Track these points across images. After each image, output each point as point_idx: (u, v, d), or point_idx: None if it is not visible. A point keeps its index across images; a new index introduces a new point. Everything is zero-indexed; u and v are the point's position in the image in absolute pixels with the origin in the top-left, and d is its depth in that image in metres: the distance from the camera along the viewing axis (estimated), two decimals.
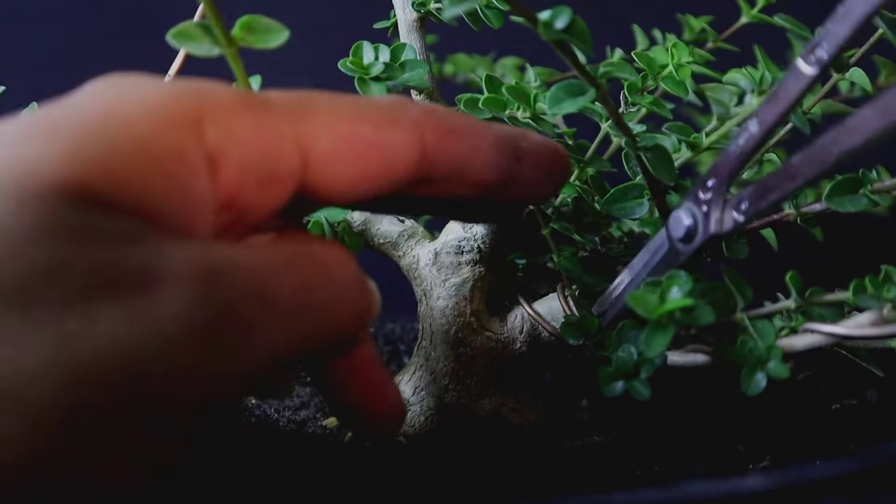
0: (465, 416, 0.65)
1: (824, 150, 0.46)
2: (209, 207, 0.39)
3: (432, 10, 0.62)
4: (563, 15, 0.46)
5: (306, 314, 0.39)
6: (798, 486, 0.46)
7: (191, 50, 0.47)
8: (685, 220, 0.52)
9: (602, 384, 0.53)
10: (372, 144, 0.43)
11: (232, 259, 0.37)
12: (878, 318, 0.50)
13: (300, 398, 0.73)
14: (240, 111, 0.40)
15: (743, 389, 0.51)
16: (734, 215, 0.50)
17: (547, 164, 0.49)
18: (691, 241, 0.52)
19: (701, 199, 0.51)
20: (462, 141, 0.45)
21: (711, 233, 0.51)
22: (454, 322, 0.64)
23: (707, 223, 0.51)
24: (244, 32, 0.47)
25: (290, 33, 0.47)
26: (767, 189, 0.49)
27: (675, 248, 0.53)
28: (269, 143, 0.41)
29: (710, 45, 0.73)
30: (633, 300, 0.50)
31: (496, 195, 0.48)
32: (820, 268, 0.65)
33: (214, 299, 0.35)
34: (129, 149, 0.37)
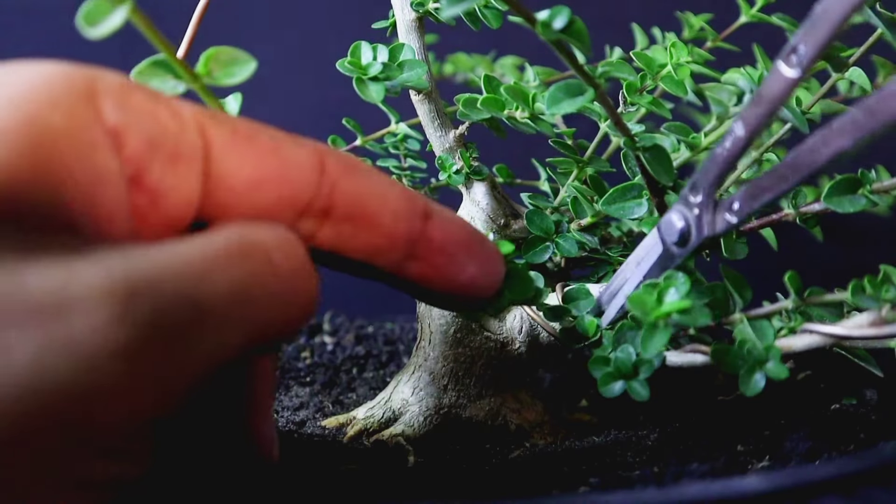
0: (464, 416, 0.65)
1: (814, 151, 0.46)
2: (118, 183, 0.37)
3: (431, 10, 0.62)
4: (561, 15, 0.46)
5: (247, 312, 0.37)
6: (798, 486, 0.46)
7: (157, 88, 0.45)
8: (677, 224, 0.52)
9: (600, 384, 0.53)
10: (272, 150, 0.41)
11: (153, 266, 0.34)
12: (877, 319, 0.49)
13: (300, 398, 0.73)
14: (136, 88, 0.39)
15: (742, 390, 0.51)
16: (726, 217, 0.50)
17: (462, 236, 0.47)
18: (685, 245, 0.52)
19: (691, 203, 0.51)
20: (366, 178, 0.44)
21: (705, 235, 0.51)
22: (453, 322, 0.64)
23: (700, 226, 0.51)
24: (210, 66, 0.46)
25: (256, 64, 0.46)
26: (760, 190, 0.49)
27: (669, 251, 0.53)
28: (170, 119, 0.39)
29: (710, 45, 0.73)
30: (631, 302, 0.50)
31: (411, 264, 0.45)
32: (819, 268, 0.65)
33: (133, 316, 0.33)
34: (16, 133, 0.35)
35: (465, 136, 0.64)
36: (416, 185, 0.73)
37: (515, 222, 0.64)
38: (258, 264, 0.38)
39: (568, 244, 0.63)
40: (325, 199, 0.42)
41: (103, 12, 0.42)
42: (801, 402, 0.63)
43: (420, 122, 0.65)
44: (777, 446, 0.56)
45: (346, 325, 0.88)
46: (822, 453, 0.53)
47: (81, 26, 0.41)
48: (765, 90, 0.47)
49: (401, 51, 0.60)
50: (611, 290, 0.57)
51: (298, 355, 0.81)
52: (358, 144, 0.71)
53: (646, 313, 0.49)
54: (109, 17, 0.41)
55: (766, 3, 0.69)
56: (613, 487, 0.51)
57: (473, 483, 0.54)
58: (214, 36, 0.49)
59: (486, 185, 0.64)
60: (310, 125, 0.85)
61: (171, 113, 0.40)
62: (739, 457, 0.55)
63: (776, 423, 0.59)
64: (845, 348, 0.57)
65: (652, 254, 0.54)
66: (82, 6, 0.41)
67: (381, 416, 0.65)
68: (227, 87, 0.46)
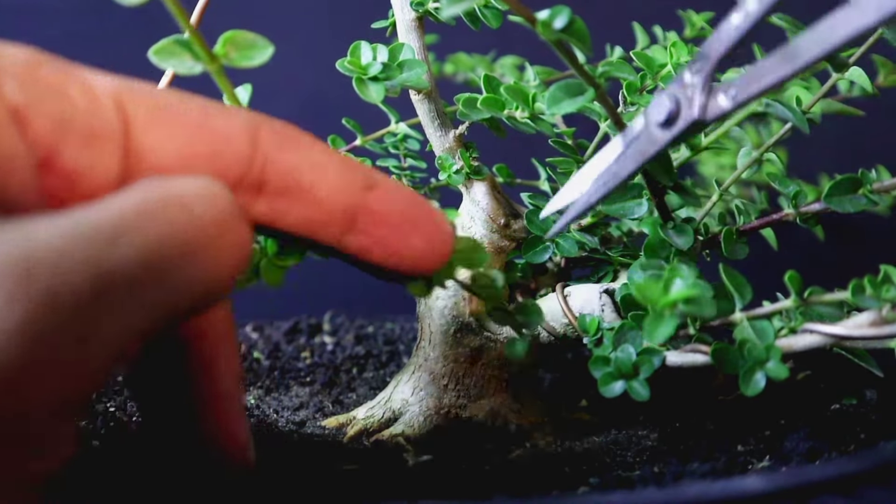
0: (464, 416, 0.65)
1: (832, 29, 0.42)
2: (25, 165, 0.35)
3: (430, 9, 0.61)
4: (561, 14, 0.46)
5: (165, 273, 0.34)
6: (798, 486, 0.46)
7: (173, 68, 0.45)
8: (667, 104, 0.49)
9: (600, 384, 0.53)
10: (199, 123, 0.40)
11: (56, 236, 0.32)
12: (878, 319, 0.49)
13: (299, 398, 0.73)
14: (42, 65, 0.37)
15: (742, 390, 0.51)
16: (720, 101, 0.47)
17: (406, 207, 0.45)
18: (671, 126, 0.49)
19: (686, 84, 0.48)
20: (302, 150, 0.42)
21: (694, 118, 0.48)
22: (453, 322, 0.64)
23: (690, 108, 0.48)
24: (227, 48, 0.46)
25: (274, 49, 0.46)
26: (761, 72, 0.45)
27: (651, 135, 0.50)
28: (81, 96, 0.37)
29: None
30: (638, 290, 0.48)
31: (352, 237, 0.43)
32: (820, 268, 0.65)
33: (29, 294, 0.30)
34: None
35: (465, 135, 0.64)
36: (416, 185, 0.73)
37: (515, 222, 0.64)
38: (176, 218, 0.35)
39: (568, 244, 0.63)
40: (258, 173, 0.41)
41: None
42: (801, 402, 0.63)
43: (420, 122, 0.65)
44: (777, 446, 0.56)
45: (346, 324, 0.88)
46: (822, 453, 0.53)
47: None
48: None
49: (401, 50, 0.60)
50: (571, 185, 0.54)
51: (298, 355, 0.81)
52: (358, 144, 0.71)
53: (653, 301, 0.48)
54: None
55: None
56: (613, 487, 0.51)
57: (473, 483, 0.54)
58: (214, 36, 0.49)
59: (486, 184, 0.64)
60: (310, 125, 0.85)
61: (83, 89, 0.37)
62: (739, 457, 0.55)
63: (776, 423, 0.59)
64: (845, 348, 0.57)
65: (632, 143, 0.51)
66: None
67: (382, 416, 0.65)
68: (243, 68, 0.46)
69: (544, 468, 0.58)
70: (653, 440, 0.63)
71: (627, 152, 0.51)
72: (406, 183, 0.72)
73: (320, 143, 0.44)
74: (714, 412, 0.63)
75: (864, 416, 0.60)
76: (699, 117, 0.48)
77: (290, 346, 0.82)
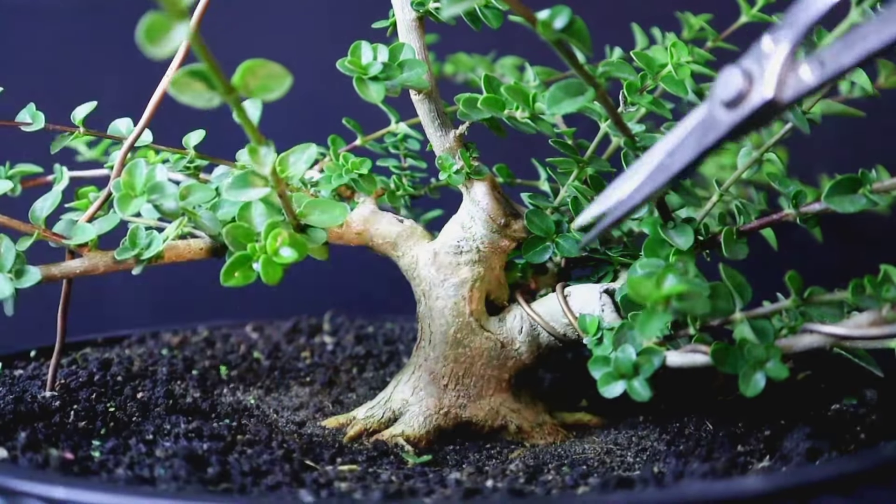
0: (464, 416, 0.65)
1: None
2: None
3: (431, 9, 0.62)
4: (561, 14, 0.46)
5: None
6: (798, 486, 0.46)
7: (190, 101, 0.44)
8: (738, 78, 0.39)
9: (600, 384, 0.53)
10: None
11: None
12: (878, 318, 0.49)
13: (300, 398, 0.73)
14: None
15: (742, 390, 0.51)
16: (803, 75, 0.38)
17: None
18: (738, 106, 0.40)
19: (764, 53, 0.39)
20: None
21: (768, 98, 0.38)
22: (453, 322, 0.64)
23: (764, 84, 0.38)
24: (245, 79, 0.45)
25: (292, 79, 0.45)
26: (858, 37, 0.36)
27: (715, 117, 0.41)
28: None
29: (710, 45, 0.73)
30: (632, 287, 0.47)
31: None
32: (819, 268, 0.65)
33: None
34: None
35: (465, 135, 0.64)
36: (416, 185, 0.73)
37: (515, 222, 0.64)
38: None
39: (568, 244, 0.63)
40: None
41: (163, 28, 0.40)
42: (801, 402, 0.63)
43: (420, 122, 0.65)
44: (777, 446, 0.56)
45: (346, 325, 0.88)
46: (822, 453, 0.53)
47: (142, 45, 0.40)
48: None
49: (401, 50, 0.60)
50: (630, 174, 0.49)
51: (298, 355, 0.81)
52: (358, 144, 0.71)
53: (646, 297, 0.48)
54: (171, 35, 0.40)
55: (766, 2, 0.69)
56: (613, 487, 0.51)
57: (473, 483, 0.54)
58: (215, 36, 0.49)
59: (486, 184, 0.64)
60: (310, 125, 0.85)
61: None
62: (739, 457, 0.55)
63: (776, 423, 0.59)
64: (845, 348, 0.57)
65: (694, 129, 0.43)
66: (141, 24, 0.40)
67: (382, 416, 0.65)
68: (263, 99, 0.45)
69: (544, 468, 0.58)
70: (653, 440, 0.63)
71: (685, 141, 0.44)
72: (406, 183, 0.72)
73: None
74: (714, 412, 0.63)
75: (864, 416, 0.60)
76: (774, 95, 0.39)
77: (290, 346, 0.82)
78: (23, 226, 0.57)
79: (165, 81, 0.58)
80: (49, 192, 0.58)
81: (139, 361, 0.73)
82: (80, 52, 1.13)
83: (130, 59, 0.51)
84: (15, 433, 0.56)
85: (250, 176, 0.51)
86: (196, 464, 0.53)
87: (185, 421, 0.61)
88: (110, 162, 0.64)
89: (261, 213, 0.54)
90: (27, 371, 0.71)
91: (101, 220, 0.58)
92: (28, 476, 0.48)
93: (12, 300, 0.55)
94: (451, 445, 0.64)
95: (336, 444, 0.63)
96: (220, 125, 0.62)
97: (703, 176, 0.89)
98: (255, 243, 0.51)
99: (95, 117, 0.64)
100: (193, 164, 0.65)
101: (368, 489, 0.52)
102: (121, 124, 0.64)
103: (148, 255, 0.57)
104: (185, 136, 0.65)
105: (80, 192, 0.64)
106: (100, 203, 0.59)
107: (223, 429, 0.59)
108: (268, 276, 0.51)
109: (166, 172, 0.56)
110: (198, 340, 0.82)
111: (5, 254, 0.55)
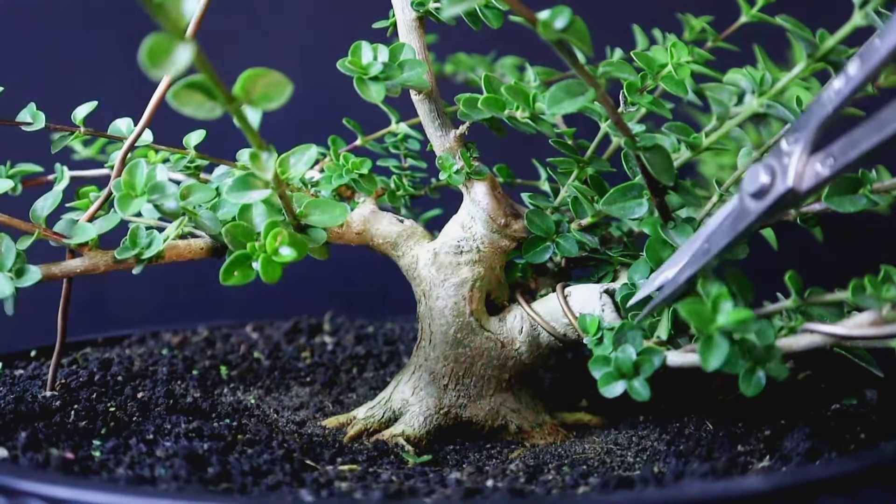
0: (464, 416, 0.65)
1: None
2: None
3: (431, 9, 0.62)
4: (562, 14, 0.46)
5: None
6: (798, 486, 0.46)
7: (192, 113, 0.44)
8: (761, 174, 0.47)
9: (601, 384, 0.53)
10: None
11: None
12: (878, 318, 0.49)
13: (300, 398, 0.73)
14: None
15: (742, 390, 0.51)
16: (818, 168, 0.45)
17: None
18: (764, 197, 0.47)
19: (783, 151, 0.46)
20: None
21: (789, 187, 0.45)
22: (453, 322, 0.64)
23: (785, 177, 0.45)
24: (246, 89, 0.44)
25: (293, 87, 0.44)
26: (858, 139, 0.44)
27: (745, 207, 0.48)
28: None
29: (710, 45, 0.73)
30: (685, 311, 0.47)
31: None
32: (819, 268, 0.65)
33: None
34: None
35: (466, 135, 0.64)
36: (416, 185, 0.73)
37: (516, 222, 0.64)
38: None
39: (568, 244, 0.63)
40: None
41: (166, 50, 0.39)
42: (801, 402, 0.63)
43: (420, 122, 0.65)
44: (777, 446, 0.56)
45: (346, 325, 0.88)
46: (822, 453, 0.53)
47: (145, 68, 0.39)
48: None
49: (401, 50, 0.60)
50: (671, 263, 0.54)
51: (298, 355, 0.81)
52: (358, 144, 0.71)
53: (703, 324, 0.47)
54: (174, 56, 0.39)
55: (766, 2, 0.69)
56: (613, 487, 0.51)
57: (473, 483, 0.54)
58: (215, 36, 0.49)
59: (486, 184, 0.64)
60: (310, 125, 0.85)
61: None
62: (739, 457, 0.55)
63: (776, 423, 0.59)
64: (845, 348, 0.57)
65: (728, 216, 0.49)
66: (143, 46, 0.39)
67: (382, 416, 0.65)
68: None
69: (544, 468, 0.58)
70: (653, 440, 0.63)
71: (720, 228, 0.50)
72: (406, 183, 0.72)
73: None
74: (714, 412, 0.63)
75: (864, 416, 0.60)
76: (794, 186, 0.46)
77: (290, 346, 0.82)
78: (23, 225, 0.57)
79: (165, 81, 0.58)
80: (50, 191, 0.59)
81: (139, 361, 0.73)
82: (80, 52, 1.13)
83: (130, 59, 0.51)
84: (15, 433, 0.56)
85: (251, 178, 0.51)
86: (196, 463, 0.53)
87: (185, 421, 0.61)
88: (111, 162, 0.64)
89: (261, 213, 0.54)
90: (27, 371, 0.71)
91: (102, 220, 0.58)
92: (29, 476, 0.48)
93: (12, 299, 0.55)
94: (452, 445, 0.64)
95: (336, 443, 0.63)
96: (220, 125, 0.62)
97: (704, 176, 0.89)
98: (255, 242, 0.51)
99: (95, 117, 0.64)
100: (194, 163, 0.65)
101: (368, 489, 0.52)
102: (121, 124, 0.64)
103: (148, 255, 0.57)
104: (185, 136, 0.65)
105: (81, 192, 0.64)
106: (100, 202, 0.59)
107: (223, 429, 0.59)
108: (267, 275, 0.51)
109: (167, 172, 0.56)
110: (198, 340, 0.82)
111: (6, 253, 0.55)
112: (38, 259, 0.56)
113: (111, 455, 0.54)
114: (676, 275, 0.52)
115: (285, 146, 0.54)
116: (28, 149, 0.67)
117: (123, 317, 1.17)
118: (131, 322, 0.90)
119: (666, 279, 0.54)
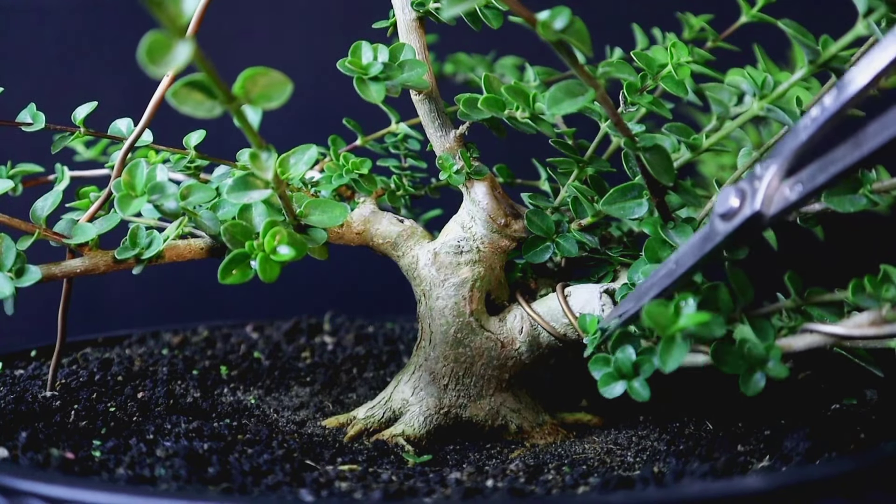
0: (464, 416, 0.65)
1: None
2: None
3: (431, 9, 0.62)
4: (561, 15, 0.46)
5: None
6: (798, 486, 0.46)
7: (192, 112, 0.44)
8: (732, 198, 0.48)
9: (601, 384, 0.53)
10: None
11: None
12: (878, 318, 0.49)
13: (300, 398, 0.73)
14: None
15: (742, 390, 0.51)
16: (786, 193, 0.46)
17: None
18: (732, 219, 0.48)
19: (756, 176, 0.47)
20: None
21: (756, 210, 0.47)
22: (453, 322, 0.64)
23: (753, 201, 0.47)
24: (246, 88, 0.44)
25: (292, 87, 0.44)
26: (830, 162, 0.44)
27: (714, 228, 0.49)
28: None
29: (710, 45, 0.73)
30: (647, 315, 0.48)
31: None
32: (819, 268, 0.65)
33: None
34: None
35: (466, 135, 0.64)
36: (416, 185, 0.73)
37: (516, 222, 0.64)
38: None
39: (568, 244, 0.63)
40: None
41: (165, 48, 0.39)
42: (801, 402, 0.63)
43: (420, 122, 0.65)
44: (777, 446, 0.56)
45: (346, 325, 0.89)
46: (822, 453, 0.54)
47: (144, 65, 0.39)
48: (875, 53, 0.44)
49: (401, 50, 0.60)
50: (655, 274, 0.54)
51: (298, 355, 0.81)
52: (358, 144, 0.71)
53: (663, 327, 0.48)
54: (172, 54, 0.39)
55: (766, 2, 0.69)
56: (613, 487, 0.51)
57: (473, 483, 0.54)
58: (215, 36, 0.49)
59: (486, 184, 0.64)
60: (310, 125, 0.85)
61: None
62: (739, 457, 0.55)
63: (776, 423, 0.59)
64: (845, 348, 0.57)
65: (700, 235, 0.50)
66: (142, 44, 0.39)
67: (382, 416, 0.65)
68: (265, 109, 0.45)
69: (544, 468, 0.58)
70: (653, 440, 0.63)
71: (688, 251, 0.51)
72: (406, 183, 0.72)
73: None
74: (714, 412, 0.63)
75: (864, 416, 0.60)
76: (762, 209, 0.46)
77: (290, 346, 0.82)
78: (24, 225, 0.57)
79: (166, 81, 0.58)
80: (50, 191, 0.59)
81: (139, 361, 0.73)
82: (80, 52, 1.13)
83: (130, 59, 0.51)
84: (16, 433, 0.56)
85: (251, 178, 0.51)
86: (196, 463, 0.53)
87: (185, 421, 0.61)
88: (111, 162, 0.64)
89: (261, 213, 0.54)
90: (28, 371, 0.71)
91: (102, 220, 0.58)
92: (29, 475, 0.48)
93: (12, 299, 0.55)
94: (452, 445, 0.64)
95: (336, 443, 0.63)
96: (220, 125, 0.62)
97: (703, 176, 0.89)
98: (253, 241, 0.51)
99: (95, 117, 0.64)
100: (194, 163, 0.65)
101: (368, 489, 0.52)
102: (121, 124, 0.64)
103: (148, 255, 0.57)
104: (185, 136, 0.65)
105: (81, 192, 0.64)
106: (100, 203, 0.59)
107: (223, 428, 0.59)
108: (265, 274, 0.51)
109: (167, 172, 0.56)
110: (198, 340, 0.82)
111: (6, 253, 0.55)
112: (38, 259, 0.56)
113: (111, 455, 0.55)
114: (644, 292, 0.54)
115: (285, 146, 0.54)
116: (28, 149, 0.67)
117: (123, 317, 1.17)
118: (131, 322, 0.90)
119: (627, 307, 0.55)
